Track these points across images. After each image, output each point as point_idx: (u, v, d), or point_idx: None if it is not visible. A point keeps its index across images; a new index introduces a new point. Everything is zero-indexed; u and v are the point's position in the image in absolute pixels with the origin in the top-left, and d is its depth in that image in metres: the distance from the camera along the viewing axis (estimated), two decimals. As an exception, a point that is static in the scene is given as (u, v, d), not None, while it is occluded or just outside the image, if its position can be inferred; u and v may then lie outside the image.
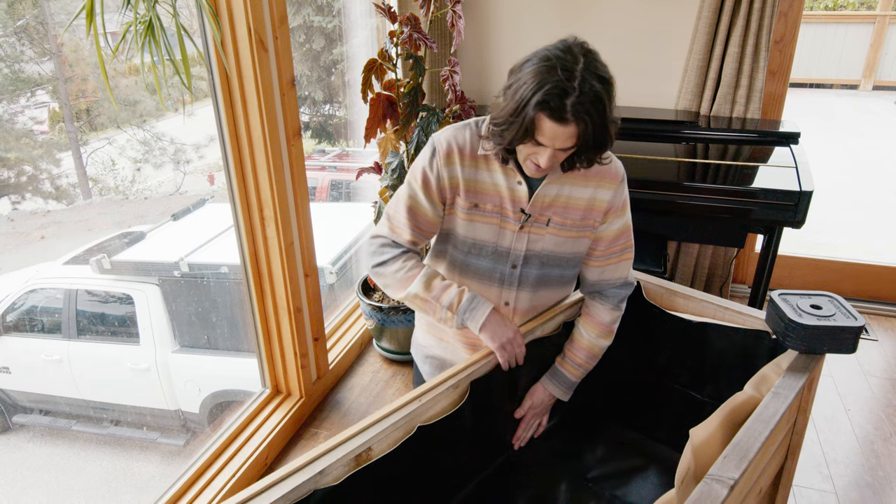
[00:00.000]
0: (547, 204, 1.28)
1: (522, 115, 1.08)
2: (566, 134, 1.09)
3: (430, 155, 1.28)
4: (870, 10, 8.53)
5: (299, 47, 4.83)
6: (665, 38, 2.71)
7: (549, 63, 1.07)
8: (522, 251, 1.30)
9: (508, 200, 1.27)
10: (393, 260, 1.33)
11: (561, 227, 1.30)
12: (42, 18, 2.56)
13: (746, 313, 1.41)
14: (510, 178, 1.26)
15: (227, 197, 1.92)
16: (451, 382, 1.21)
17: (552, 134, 1.09)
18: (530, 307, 1.38)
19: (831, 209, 4.75)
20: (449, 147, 1.26)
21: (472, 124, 1.29)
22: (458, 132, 1.28)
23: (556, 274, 1.36)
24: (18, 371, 2.80)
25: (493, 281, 1.34)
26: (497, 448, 1.45)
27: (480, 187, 1.27)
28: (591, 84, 1.06)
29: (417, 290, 1.29)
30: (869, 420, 2.25)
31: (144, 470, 2.75)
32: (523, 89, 1.08)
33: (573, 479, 1.46)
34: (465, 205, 1.28)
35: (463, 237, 1.31)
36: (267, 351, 2.15)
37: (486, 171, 1.27)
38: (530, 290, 1.35)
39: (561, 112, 1.05)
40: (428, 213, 1.30)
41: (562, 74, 1.05)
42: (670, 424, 1.56)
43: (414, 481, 1.21)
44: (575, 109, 1.05)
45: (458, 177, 1.27)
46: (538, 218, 1.28)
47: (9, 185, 2.71)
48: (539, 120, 1.08)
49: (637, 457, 1.53)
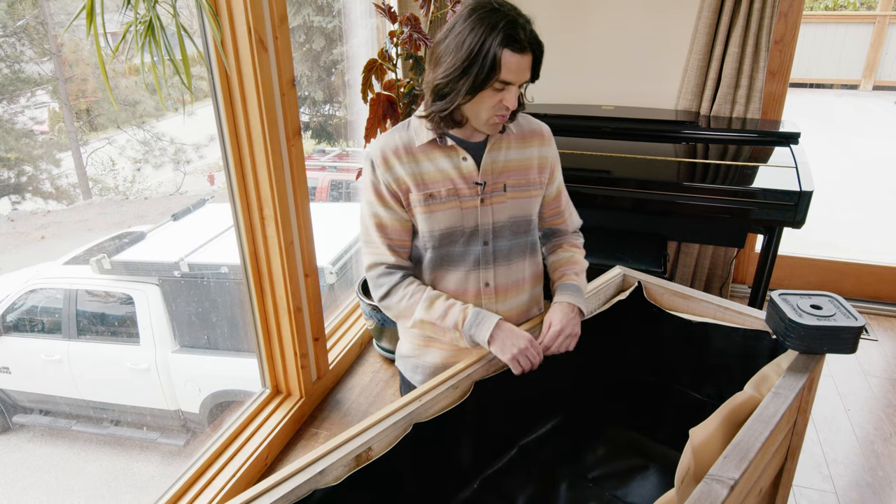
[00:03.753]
0: (499, 170, 1.31)
1: (482, 58, 1.13)
2: (527, 64, 1.16)
3: (370, 169, 1.31)
4: (870, 10, 8.53)
5: (299, 47, 4.83)
6: (665, 39, 2.71)
7: (485, 9, 1.14)
8: (490, 224, 1.32)
9: (459, 179, 1.29)
10: (394, 290, 1.34)
11: (517, 188, 1.33)
12: (42, 18, 2.56)
13: (746, 313, 1.41)
14: (454, 159, 1.29)
15: (227, 197, 1.92)
16: (451, 382, 1.21)
17: (518, 67, 1.15)
18: (509, 282, 1.38)
19: (831, 209, 4.75)
20: (383, 153, 1.29)
21: (399, 127, 1.33)
22: (387, 138, 1.32)
23: (524, 242, 1.39)
24: (18, 371, 2.80)
25: (469, 265, 1.34)
26: (497, 448, 1.45)
27: (427, 177, 1.29)
28: (524, 15, 1.17)
29: (422, 316, 1.31)
30: (869, 420, 2.25)
31: (144, 470, 2.75)
32: (472, 36, 1.13)
33: (573, 479, 1.46)
34: (420, 198, 1.29)
35: (430, 231, 1.31)
36: (267, 351, 2.15)
37: (427, 162, 1.29)
38: (505, 264, 1.36)
39: (522, 43, 1.13)
40: (394, 223, 1.32)
41: (506, 11, 1.14)
42: (670, 424, 1.56)
43: (414, 481, 1.21)
44: (530, 38, 1.14)
45: (402, 177, 1.28)
46: (494, 186, 1.31)
47: (9, 185, 2.71)
48: (504, 56, 1.13)
49: (637, 457, 1.53)
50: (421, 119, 1.29)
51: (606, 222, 2.48)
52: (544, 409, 1.51)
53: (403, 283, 1.34)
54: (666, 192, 2.17)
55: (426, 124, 1.28)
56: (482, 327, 1.28)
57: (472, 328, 1.29)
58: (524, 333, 1.29)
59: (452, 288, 1.35)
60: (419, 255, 1.38)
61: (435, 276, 1.37)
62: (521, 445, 1.47)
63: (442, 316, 1.30)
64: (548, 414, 1.51)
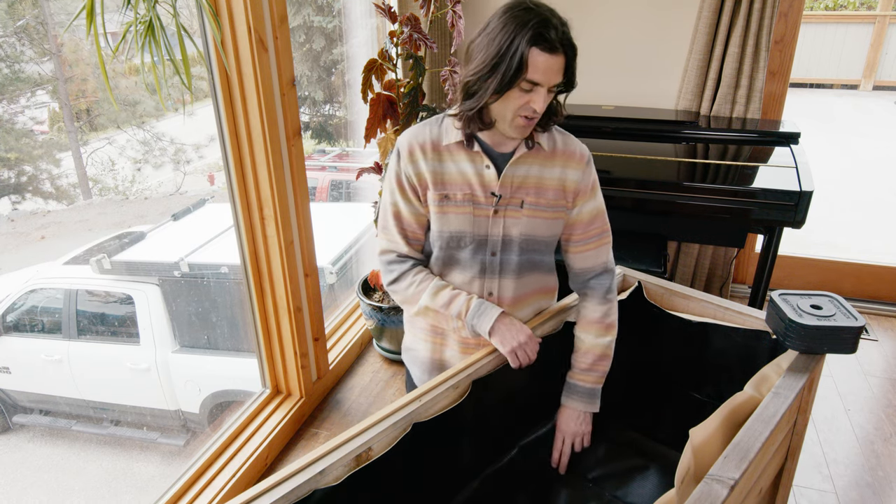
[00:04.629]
0: (517, 185, 1.29)
1: (511, 55, 1.10)
2: (557, 66, 1.12)
3: (396, 158, 1.31)
4: (870, 10, 8.53)
5: (299, 47, 4.84)
6: (665, 39, 2.71)
7: (519, 7, 1.12)
8: (500, 236, 1.31)
9: (478, 186, 1.28)
10: (403, 276, 1.35)
11: (535, 207, 1.31)
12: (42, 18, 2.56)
13: (746, 313, 1.41)
14: (477, 164, 1.28)
15: (227, 197, 1.92)
16: (451, 382, 1.21)
17: (546, 67, 1.11)
18: (514, 296, 1.37)
19: (831, 209, 4.75)
20: (410, 146, 1.29)
21: (433, 120, 1.32)
22: (418, 130, 1.31)
23: (536, 259, 1.37)
24: (18, 371, 2.80)
25: (474, 271, 1.34)
26: (497, 448, 1.45)
27: (447, 178, 1.29)
28: (559, 16, 1.13)
29: (427, 303, 1.33)
30: (869, 420, 2.25)
31: (144, 470, 2.75)
32: (503, 34, 1.11)
33: (573, 479, 1.46)
34: (436, 197, 1.29)
35: (440, 231, 1.32)
36: (267, 351, 2.15)
37: (450, 162, 1.29)
38: (513, 278, 1.35)
39: (552, 42, 1.09)
40: (412, 216, 1.33)
41: (540, 11, 1.11)
42: (670, 424, 1.56)
43: (414, 481, 1.21)
44: (562, 39, 1.10)
45: (423, 172, 1.28)
46: (511, 200, 1.29)
47: (9, 185, 2.71)
48: (531, 55, 1.10)
49: (637, 457, 1.53)
50: (452, 118, 1.27)
51: (606, 222, 2.47)
52: (544, 408, 1.51)
53: (413, 270, 1.35)
54: (666, 192, 2.17)
55: (456, 123, 1.27)
56: (484, 318, 1.29)
57: (475, 318, 1.30)
58: (525, 328, 1.31)
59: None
60: (430, 251, 1.39)
61: (441, 275, 1.38)
62: (521, 445, 1.47)
63: (446, 304, 1.31)
64: (548, 414, 1.51)
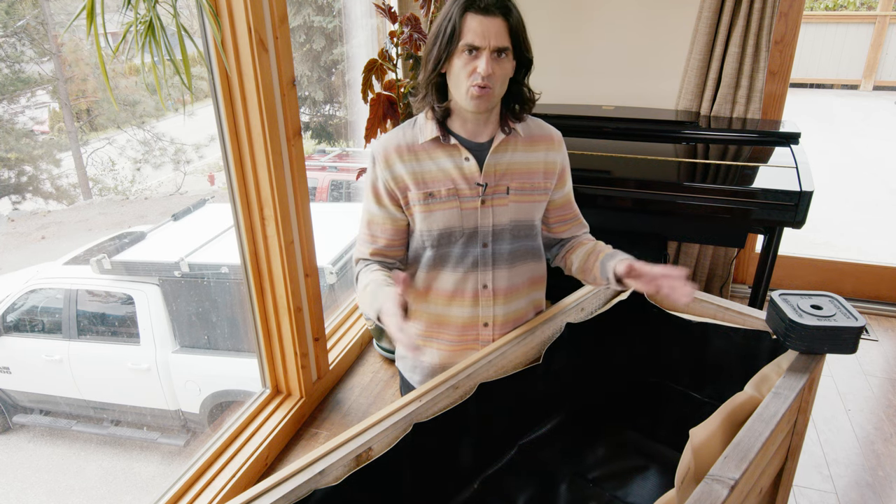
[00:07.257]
0: (501, 172, 1.30)
1: (447, 24, 1.16)
2: (494, 27, 1.14)
3: (372, 165, 1.32)
4: (870, 10, 8.53)
5: (299, 47, 4.84)
6: (665, 39, 2.71)
7: None
8: (490, 226, 1.31)
9: (460, 179, 1.28)
10: (359, 276, 1.35)
11: (521, 192, 1.32)
12: (42, 18, 2.56)
13: (746, 313, 1.41)
14: (456, 158, 1.28)
15: (227, 197, 1.92)
16: (452, 383, 1.21)
17: (482, 29, 1.14)
18: (508, 287, 1.37)
19: (831, 209, 4.75)
20: (385, 151, 1.29)
21: (406, 124, 1.33)
22: (391, 135, 1.32)
23: (527, 246, 1.37)
24: (19, 371, 2.80)
25: (467, 266, 1.33)
26: (498, 448, 1.45)
27: (428, 176, 1.28)
28: None
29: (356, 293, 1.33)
30: (869, 420, 2.25)
31: (144, 470, 2.75)
32: (444, 10, 1.18)
33: (573, 479, 1.46)
34: (419, 196, 1.29)
35: (428, 230, 1.31)
36: (267, 351, 2.15)
37: (429, 160, 1.29)
38: (506, 268, 1.35)
39: (485, 4, 1.13)
40: (383, 221, 1.33)
41: None
42: (670, 424, 1.56)
43: (414, 481, 1.21)
44: (496, 2, 1.14)
45: (401, 174, 1.28)
46: (497, 188, 1.30)
47: (9, 185, 2.71)
48: (465, 20, 1.14)
49: (637, 457, 1.53)
50: (426, 116, 1.29)
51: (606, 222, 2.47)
52: (544, 409, 1.51)
53: (366, 270, 1.34)
54: (666, 192, 2.17)
55: (429, 114, 1.28)
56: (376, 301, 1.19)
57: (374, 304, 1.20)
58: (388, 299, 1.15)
59: (450, 288, 1.35)
60: (418, 254, 1.38)
61: (432, 276, 1.36)
62: (522, 445, 1.47)
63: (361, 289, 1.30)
64: (548, 414, 1.51)
